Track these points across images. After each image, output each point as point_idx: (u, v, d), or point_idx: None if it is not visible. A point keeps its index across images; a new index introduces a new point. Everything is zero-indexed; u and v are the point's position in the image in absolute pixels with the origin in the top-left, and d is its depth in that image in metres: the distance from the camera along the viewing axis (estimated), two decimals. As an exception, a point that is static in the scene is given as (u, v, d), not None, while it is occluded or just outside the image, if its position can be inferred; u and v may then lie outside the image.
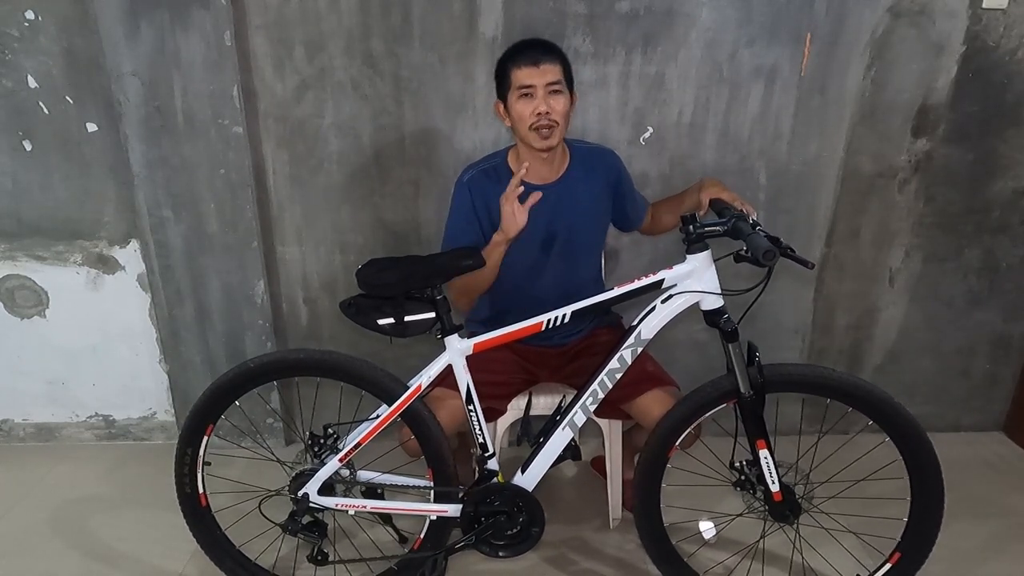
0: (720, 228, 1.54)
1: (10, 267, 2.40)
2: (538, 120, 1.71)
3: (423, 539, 1.82)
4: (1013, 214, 2.39)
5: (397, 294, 1.62)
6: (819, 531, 1.84)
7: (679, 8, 2.10)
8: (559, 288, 1.90)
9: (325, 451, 1.75)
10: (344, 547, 1.94)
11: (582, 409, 1.69)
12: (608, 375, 1.67)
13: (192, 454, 1.78)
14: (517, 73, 1.71)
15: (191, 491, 1.81)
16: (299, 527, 1.76)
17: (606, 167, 1.90)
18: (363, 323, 1.63)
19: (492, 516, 1.75)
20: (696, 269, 1.59)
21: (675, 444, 1.70)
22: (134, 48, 2.05)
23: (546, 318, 1.63)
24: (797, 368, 1.68)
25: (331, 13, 2.10)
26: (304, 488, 1.74)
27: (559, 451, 1.73)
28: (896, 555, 1.72)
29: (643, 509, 1.77)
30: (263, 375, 1.74)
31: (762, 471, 1.65)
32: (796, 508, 1.69)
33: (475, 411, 1.69)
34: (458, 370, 1.67)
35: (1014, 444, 2.61)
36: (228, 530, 1.86)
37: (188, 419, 1.77)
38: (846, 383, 1.61)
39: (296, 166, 2.27)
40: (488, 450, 1.73)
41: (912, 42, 2.16)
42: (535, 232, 1.85)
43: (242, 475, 1.94)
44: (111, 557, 2.04)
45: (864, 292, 2.48)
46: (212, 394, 1.74)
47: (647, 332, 1.64)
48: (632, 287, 1.62)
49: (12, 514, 2.23)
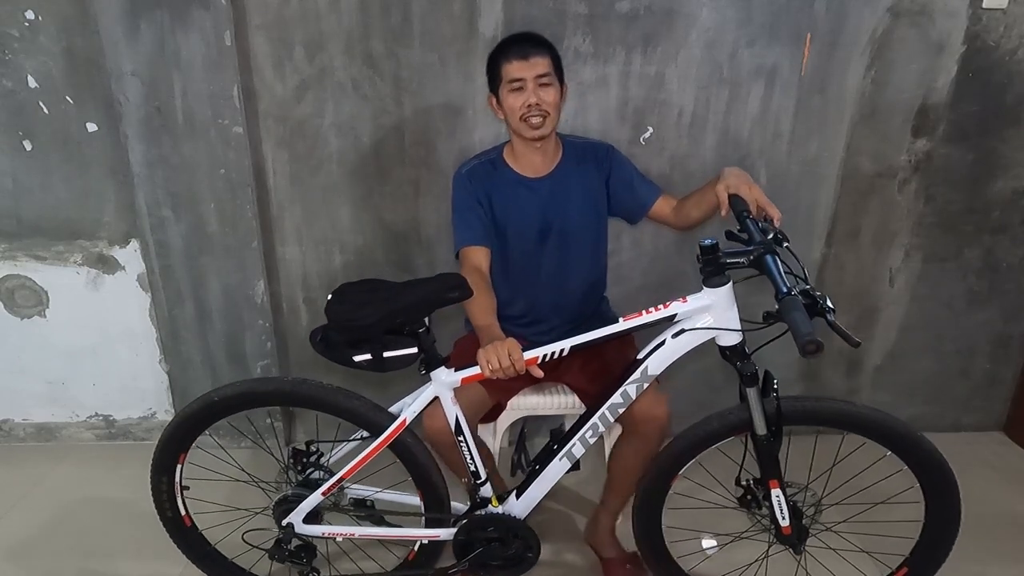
0: (743, 261, 1.38)
1: (10, 267, 2.40)
2: (528, 111, 1.71)
3: (416, 553, 1.80)
4: (1013, 214, 2.39)
5: (375, 335, 1.49)
6: (825, 547, 1.79)
7: (679, 8, 2.10)
8: (557, 282, 1.90)
9: (309, 468, 1.71)
10: (337, 559, 1.92)
11: (581, 441, 1.64)
12: (610, 409, 1.60)
13: (168, 482, 1.73)
14: (507, 67, 1.72)
15: (173, 515, 1.77)
16: (286, 555, 1.72)
17: (597, 159, 1.90)
18: (336, 359, 1.51)
19: (486, 543, 1.71)
20: (714, 304, 1.46)
21: (679, 473, 1.64)
22: (134, 48, 2.05)
23: (543, 352, 1.53)
24: (816, 403, 1.58)
25: (331, 13, 2.09)
26: (288, 517, 1.69)
27: (555, 480, 1.69)
28: (903, 570, 1.70)
29: (645, 536, 1.74)
30: (228, 408, 1.65)
31: (773, 507, 1.59)
32: (804, 535, 1.65)
33: (465, 442, 1.63)
34: (446, 403, 1.60)
35: (1014, 444, 2.61)
36: (220, 544, 1.84)
37: (158, 450, 1.70)
38: (867, 418, 1.54)
39: (296, 166, 2.27)
40: (480, 477, 1.68)
41: (912, 42, 2.16)
42: (530, 224, 1.86)
43: (229, 492, 1.91)
44: (111, 557, 2.05)
45: (864, 292, 2.47)
46: (179, 426, 1.68)
47: (654, 368, 1.54)
48: (641, 321, 1.50)
49: (12, 514, 2.23)
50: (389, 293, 1.49)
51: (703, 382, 2.43)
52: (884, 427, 1.54)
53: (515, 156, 1.86)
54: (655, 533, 1.73)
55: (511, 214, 1.85)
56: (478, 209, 1.83)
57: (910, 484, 1.60)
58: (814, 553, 1.81)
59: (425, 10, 2.09)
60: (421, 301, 1.49)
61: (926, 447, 1.54)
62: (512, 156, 1.86)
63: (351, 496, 1.78)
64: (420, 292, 1.49)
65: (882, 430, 1.54)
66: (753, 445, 1.55)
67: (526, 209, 1.85)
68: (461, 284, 1.51)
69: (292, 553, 1.73)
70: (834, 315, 1.29)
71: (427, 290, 1.50)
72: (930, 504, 1.60)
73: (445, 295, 1.49)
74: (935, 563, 1.66)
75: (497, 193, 1.84)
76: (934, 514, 1.61)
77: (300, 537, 1.73)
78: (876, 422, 1.54)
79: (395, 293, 1.49)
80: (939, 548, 1.64)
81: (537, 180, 1.85)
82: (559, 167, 1.87)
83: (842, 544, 1.84)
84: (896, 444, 1.55)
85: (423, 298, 1.49)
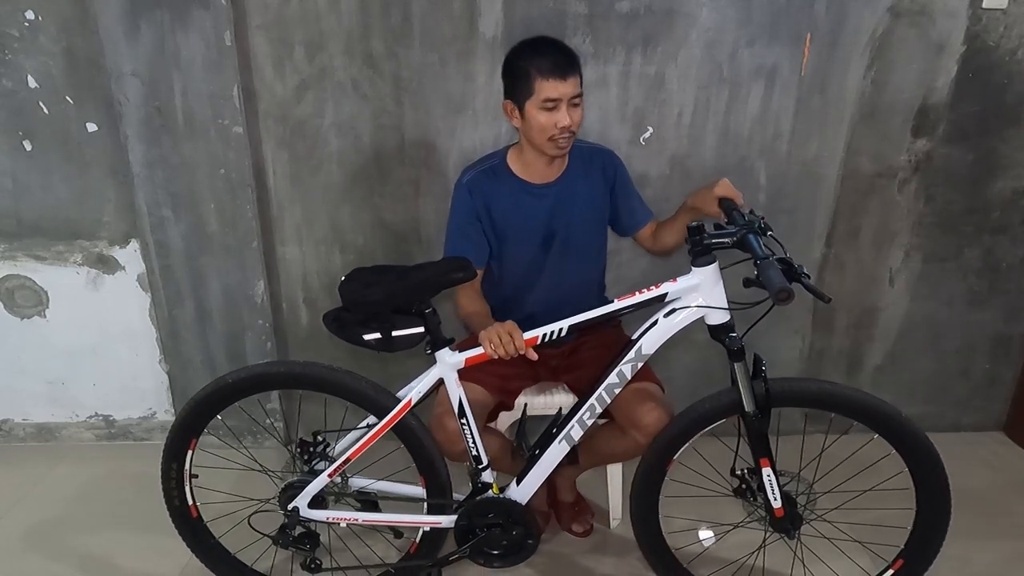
0: (728, 240, 1.47)
1: (10, 267, 2.40)
2: (560, 133, 1.69)
3: (418, 544, 1.81)
4: (1013, 214, 2.39)
5: (383, 311, 1.57)
6: (821, 537, 1.82)
7: (679, 8, 2.10)
8: (559, 288, 1.90)
9: (315, 458, 1.72)
10: (339, 552, 1.93)
11: (579, 423, 1.66)
12: (607, 390, 1.64)
13: (178, 468, 1.76)
14: (543, 84, 1.65)
15: (180, 504, 1.79)
16: (290, 540, 1.74)
17: (604, 166, 1.89)
18: (347, 338, 1.58)
19: (486, 528, 1.73)
20: (702, 283, 1.53)
21: (674, 457, 1.67)
22: (134, 48, 2.05)
23: (542, 332, 1.58)
24: (803, 383, 1.64)
25: (331, 13, 2.09)
26: (294, 502, 1.71)
27: (555, 464, 1.71)
28: (899, 561, 1.71)
29: (642, 522, 1.75)
30: (241, 391, 1.70)
31: (764, 487, 1.63)
32: (798, 520, 1.67)
33: (468, 424, 1.65)
34: (450, 384, 1.63)
35: (1014, 444, 2.61)
36: (223, 537, 1.85)
37: (170, 436, 1.74)
38: (853, 399, 1.58)
39: (296, 166, 2.27)
40: (482, 462, 1.70)
41: (912, 42, 2.16)
42: (534, 231, 1.86)
43: (234, 484, 1.92)
44: (111, 557, 2.04)
45: (864, 292, 2.48)
46: (192, 410, 1.71)
47: (648, 347, 1.59)
48: (633, 301, 1.57)
49: (12, 514, 2.23)
50: (397, 274, 1.58)
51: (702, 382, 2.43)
52: (867, 407, 1.57)
53: (523, 163, 1.84)
54: (652, 520, 1.75)
55: (513, 222, 1.85)
56: (476, 225, 1.84)
57: (900, 469, 1.62)
58: (810, 544, 1.83)
59: (425, 10, 2.09)
60: (427, 281, 1.57)
61: (909, 427, 1.57)
62: (519, 162, 1.84)
63: (355, 488, 1.79)
64: (426, 272, 1.59)
65: (865, 410, 1.57)
66: (744, 426, 1.60)
67: (530, 216, 1.84)
68: (465, 266, 1.59)
69: (296, 540, 1.75)
70: (809, 279, 1.41)
71: (433, 271, 1.60)
72: (919, 487, 1.62)
73: (450, 275, 1.58)
74: (930, 553, 1.67)
75: (497, 203, 1.83)
76: (924, 499, 1.63)
77: (304, 523, 1.75)
78: (859, 402, 1.58)
79: (402, 274, 1.58)
80: (932, 536, 1.65)
81: (543, 187, 1.84)
82: (566, 174, 1.86)
83: (837, 535, 1.86)
84: (880, 424, 1.58)
85: (428, 278, 1.58)
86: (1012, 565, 2.02)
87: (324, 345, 2.42)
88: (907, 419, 1.57)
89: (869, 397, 1.59)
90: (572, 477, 2.13)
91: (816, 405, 1.60)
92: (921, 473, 1.60)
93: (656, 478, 1.70)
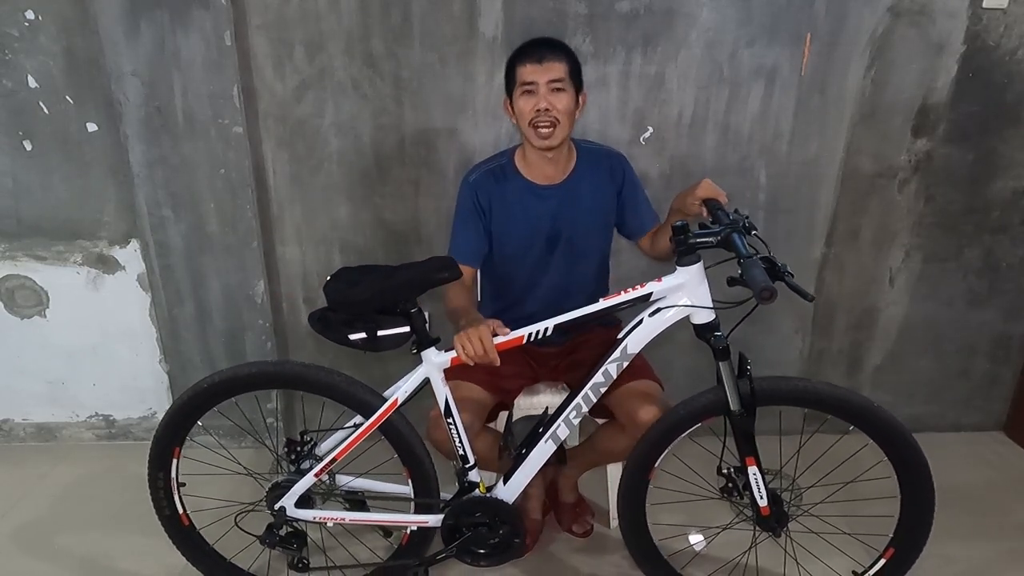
0: (712, 239, 1.47)
1: (10, 267, 2.40)
2: (537, 116, 1.69)
3: (410, 537, 1.81)
4: (1013, 214, 2.39)
5: (368, 311, 1.56)
6: (811, 533, 1.83)
7: (679, 8, 2.10)
8: (563, 288, 1.90)
9: (303, 458, 1.72)
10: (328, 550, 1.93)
11: (565, 422, 1.66)
12: (592, 389, 1.64)
13: (164, 478, 1.75)
14: (521, 70, 1.71)
15: (171, 513, 1.79)
16: (276, 540, 1.73)
17: (612, 169, 1.89)
18: (333, 338, 1.57)
19: (473, 528, 1.72)
20: (687, 282, 1.54)
21: (663, 453, 1.68)
22: (134, 48, 2.05)
23: (527, 331, 1.58)
24: (788, 382, 1.64)
25: (331, 13, 2.10)
26: (280, 501, 1.71)
27: (542, 463, 1.70)
28: (890, 550, 1.72)
29: (629, 522, 1.76)
30: (216, 395, 1.68)
31: (751, 486, 1.64)
32: (784, 518, 1.68)
33: (454, 424, 1.64)
34: (436, 384, 1.62)
35: (1014, 444, 2.60)
36: (217, 544, 1.84)
37: (153, 446, 1.73)
38: (825, 393, 1.59)
39: (296, 166, 2.27)
40: (468, 461, 1.70)
41: (912, 42, 2.16)
42: (539, 231, 1.86)
43: (226, 488, 1.91)
44: (111, 558, 2.04)
45: (864, 292, 2.47)
46: (171, 419, 1.70)
47: (633, 346, 1.60)
48: (618, 300, 1.56)
49: (12, 514, 2.23)
50: (382, 274, 1.56)
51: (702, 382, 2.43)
52: (842, 401, 1.59)
53: (527, 163, 1.84)
54: (639, 513, 1.75)
55: (516, 222, 1.85)
56: (477, 222, 1.84)
57: (879, 459, 1.63)
58: (801, 541, 1.83)
59: (425, 10, 2.09)
60: (412, 280, 1.55)
61: (884, 417, 1.58)
62: (524, 162, 1.84)
63: (343, 488, 1.78)
64: (411, 272, 1.56)
65: (841, 404, 1.59)
66: (730, 425, 1.60)
67: (535, 217, 1.84)
68: (450, 265, 1.56)
69: (283, 539, 1.74)
70: (792, 277, 1.42)
71: (418, 270, 1.57)
72: (901, 475, 1.63)
73: (435, 275, 1.56)
74: (919, 539, 1.68)
75: (501, 202, 1.83)
76: (907, 486, 1.64)
77: (291, 523, 1.74)
78: (834, 397, 1.59)
79: (388, 273, 1.56)
80: (920, 523, 1.66)
81: (549, 188, 1.84)
82: (572, 175, 1.85)
83: (826, 529, 1.86)
84: (856, 417, 1.59)
85: (413, 278, 1.55)
86: (1012, 565, 2.01)
87: (324, 345, 2.42)
88: (879, 408, 1.59)
89: (841, 390, 1.61)
90: (574, 477, 2.13)
91: (793, 402, 1.61)
92: (899, 459, 1.62)
93: (645, 473, 1.70)
